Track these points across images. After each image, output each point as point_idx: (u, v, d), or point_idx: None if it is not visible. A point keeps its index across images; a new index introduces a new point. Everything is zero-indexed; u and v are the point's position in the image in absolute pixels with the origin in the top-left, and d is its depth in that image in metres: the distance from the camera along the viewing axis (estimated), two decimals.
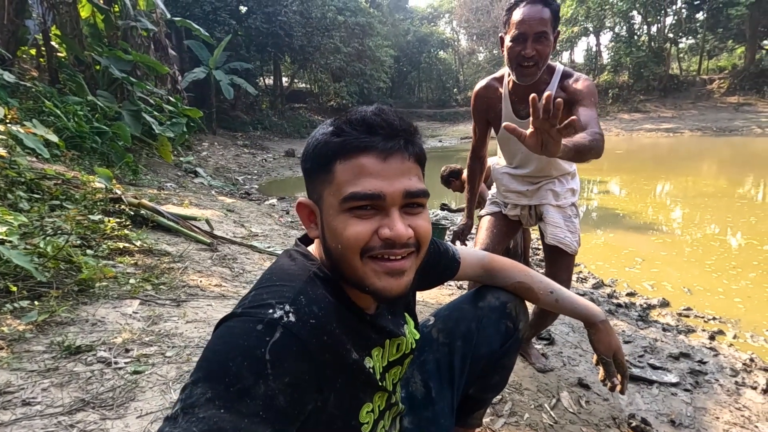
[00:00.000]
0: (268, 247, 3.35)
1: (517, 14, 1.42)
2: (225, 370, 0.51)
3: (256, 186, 8.81)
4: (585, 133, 1.30)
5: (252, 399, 0.50)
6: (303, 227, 0.69)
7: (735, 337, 2.51)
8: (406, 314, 0.84)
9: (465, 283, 2.83)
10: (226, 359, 0.52)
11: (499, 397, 1.58)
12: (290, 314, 0.58)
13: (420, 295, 2.52)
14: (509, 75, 1.56)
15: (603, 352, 0.96)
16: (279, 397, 0.52)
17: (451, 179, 3.17)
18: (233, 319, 0.58)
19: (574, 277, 3.46)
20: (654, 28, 25.90)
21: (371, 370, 0.70)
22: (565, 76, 1.52)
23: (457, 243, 1.91)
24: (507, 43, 1.46)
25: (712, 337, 2.47)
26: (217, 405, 0.49)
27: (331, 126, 0.64)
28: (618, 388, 0.96)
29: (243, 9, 16.09)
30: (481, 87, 1.70)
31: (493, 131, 1.78)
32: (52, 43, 6.31)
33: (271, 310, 0.57)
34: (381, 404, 0.74)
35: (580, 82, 1.48)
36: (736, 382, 1.98)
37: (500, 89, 1.64)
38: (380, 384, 0.72)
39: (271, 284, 0.63)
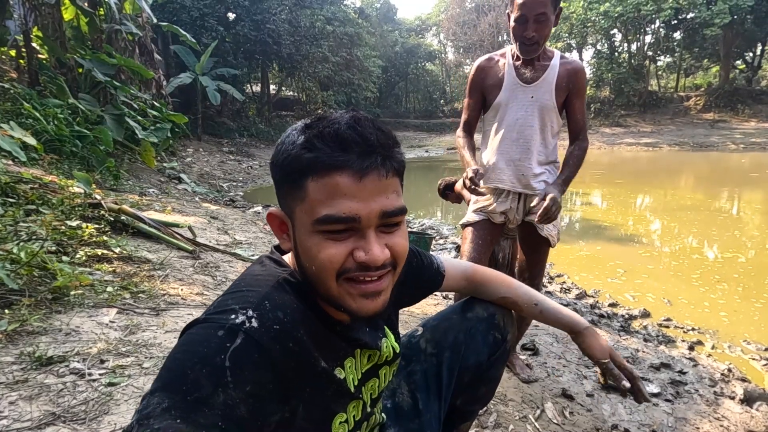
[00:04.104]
0: (252, 255, 3.30)
1: None
2: (183, 379, 0.49)
3: (241, 193, 8.70)
4: (570, 159, 1.63)
5: (210, 408, 0.48)
6: None
7: (713, 347, 2.56)
8: (386, 327, 0.81)
9: (451, 293, 2.82)
10: (184, 367, 0.50)
11: (484, 408, 1.57)
12: (253, 319, 0.55)
13: None
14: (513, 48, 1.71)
15: (599, 357, 0.93)
16: (240, 407, 0.50)
17: (447, 192, 3.20)
18: (196, 326, 0.56)
19: (557, 287, 3.52)
20: (634, 46, 26.78)
21: (344, 382, 0.68)
22: (562, 57, 1.71)
23: (466, 193, 2.00)
24: (511, 23, 1.60)
25: (691, 348, 2.52)
26: (173, 415, 0.46)
27: (301, 135, 0.58)
28: (639, 393, 0.89)
29: (231, 16, 16.02)
30: (484, 59, 1.80)
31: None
32: (33, 44, 6.17)
33: (233, 316, 0.55)
34: (357, 414, 0.72)
35: (580, 72, 1.68)
36: (715, 392, 2.02)
37: (503, 60, 1.75)
38: (353, 393, 0.70)
39: (238, 290, 0.62)
